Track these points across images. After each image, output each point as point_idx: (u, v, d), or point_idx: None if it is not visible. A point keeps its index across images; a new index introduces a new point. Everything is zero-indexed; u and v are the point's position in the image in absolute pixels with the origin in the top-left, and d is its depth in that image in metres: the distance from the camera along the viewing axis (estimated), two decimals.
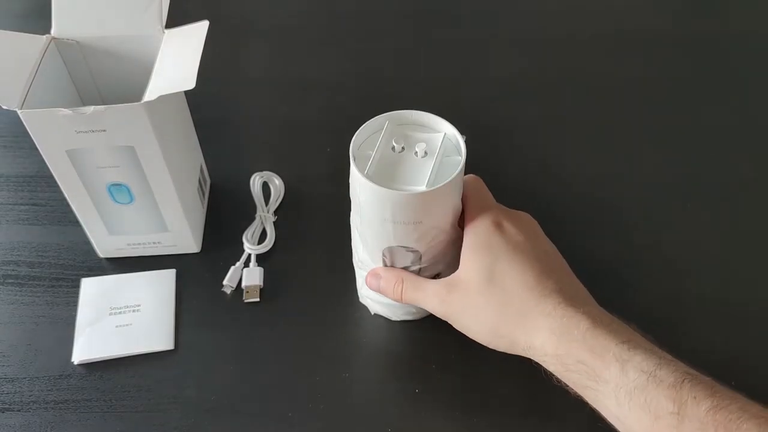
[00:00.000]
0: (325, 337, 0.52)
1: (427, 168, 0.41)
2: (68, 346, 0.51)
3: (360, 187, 0.42)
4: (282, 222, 0.60)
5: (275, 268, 0.56)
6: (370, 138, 0.43)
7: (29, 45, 0.48)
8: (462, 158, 0.41)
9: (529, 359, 0.42)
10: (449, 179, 0.40)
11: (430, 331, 0.52)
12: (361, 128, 0.43)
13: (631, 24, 0.82)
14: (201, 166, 0.60)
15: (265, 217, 0.59)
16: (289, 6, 0.85)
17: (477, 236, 0.43)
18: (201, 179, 0.60)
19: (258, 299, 0.54)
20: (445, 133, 0.43)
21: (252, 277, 0.55)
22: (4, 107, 0.43)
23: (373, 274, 0.47)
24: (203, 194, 0.60)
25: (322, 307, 0.54)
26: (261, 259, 0.57)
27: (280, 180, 0.62)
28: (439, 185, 0.40)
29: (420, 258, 0.45)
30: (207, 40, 0.46)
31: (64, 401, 0.49)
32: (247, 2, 0.85)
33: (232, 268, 0.56)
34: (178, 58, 0.47)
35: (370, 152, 0.42)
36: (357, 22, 0.83)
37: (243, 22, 0.82)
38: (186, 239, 0.56)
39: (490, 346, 0.43)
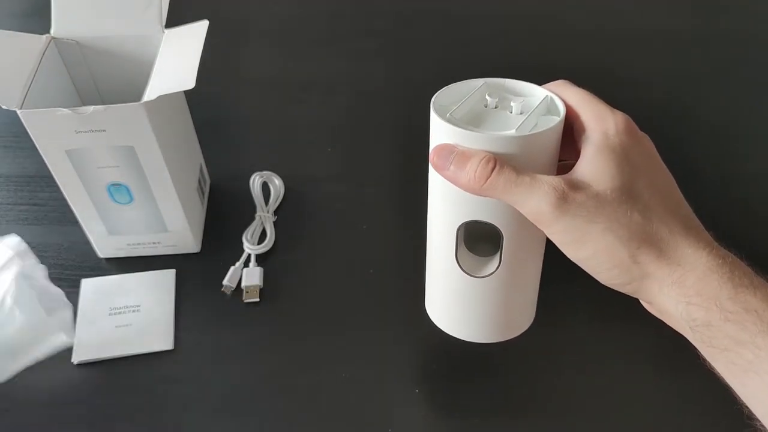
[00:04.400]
0: (325, 337, 0.52)
1: (520, 120, 0.35)
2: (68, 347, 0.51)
3: (437, 134, 0.36)
4: (282, 222, 0.60)
5: (275, 268, 0.56)
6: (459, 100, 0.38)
7: (29, 45, 0.48)
8: (561, 117, 0.35)
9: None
10: (548, 127, 0.34)
11: (431, 331, 0.52)
12: (446, 88, 0.38)
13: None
14: (201, 166, 0.60)
15: (264, 217, 0.59)
16: (289, 6, 0.85)
17: (608, 138, 0.34)
18: (201, 179, 0.60)
19: (258, 299, 0.54)
20: (547, 95, 0.37)
21: (252, 277, 0.55)
22: (4, 107, 0.43)
23: (445, 147, 0.35)
24: (203, 194, 0.60)
25: (322, 307, 0.54)
26: (261, 259, 0.57)
27: (280, 180, 0.62)
28: (535, 131, 0.34)
29: (501, 249, 0.38)
30: (207, 39, 0.46)
31: (63, 402, 0.48)
32: (247, 2, 0.85)
33: (232, 268, 0.56)
34: (178, 58, 0.47)
35: (455, 106, 0.36)
36: (357, 22, 0.83)
37: (243, 21, 0.82)
38: (186, 239, 0.56)
39: (609, 279, 0.34)
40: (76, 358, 0.50)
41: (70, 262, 0.57)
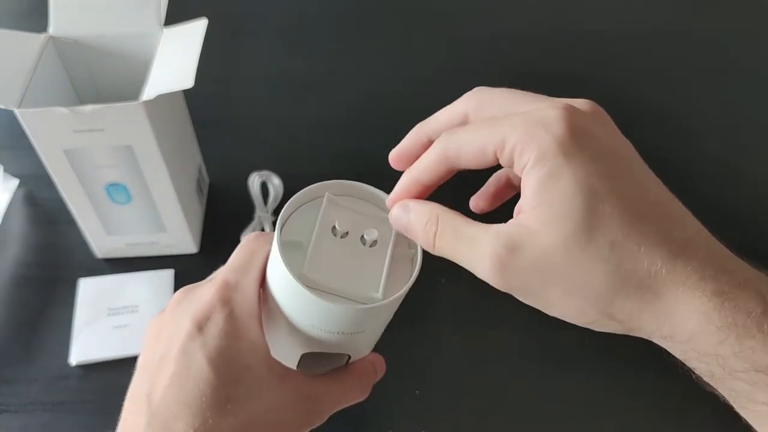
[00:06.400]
0: None
1: (380, 264, 0.31)
2: (66, 347, 0.51)
3: (287, 288, 0.31)
4: None
5: None
6: (302, 211, 0.33)
7: (27, 44, 0.48)
8: (419, 251, 0.31)
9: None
10: (409, 283, 0.31)
11: (431, 331, 0.52)
12: (290, 200, 0.33)
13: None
14: (199, 166, 0.60)
15: (264, 217, 0.59)
16: (289, 5, 0.84)
17: (546, 159, 0.26)
18: (199, 179, 0.59)
19: None
20: None
21: None
22: (2, 106, 0.43)
23: (403, 205, 0.31)
24: (201, 194, 0.60)
25: None
26: None
27: (279, 180, 0.62)
28: (398, 293, 0.30)
29: (349, 358, 0.37)
30: (205, 38, 0.46)
31: (61, 403, 0.48)
32: (246, 1, 0.85)
33: None
34: (177, 57, 0.46)
35: (302, 239, 0.31)
36: (357, 21, 0.83)
37: (242, 20, 0.82)
38: (184, 239, 0.56)
39: (593, 328, 0.28)
40: (74, 359, 0.50)
41: (67, 262, 0.57)
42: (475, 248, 0.27)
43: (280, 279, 0.31)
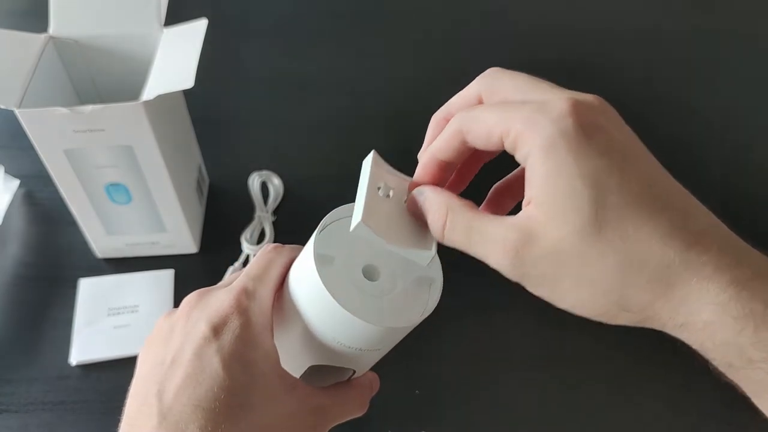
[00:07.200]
0: None
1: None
2: (66, 347, 0.51)
3: (317, 303, 0.31)
4: (281, 222, 0.59)
5: None
6: (332, 226, 0.33)
7: (27, 44, 0.48)
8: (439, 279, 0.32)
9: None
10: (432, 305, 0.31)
11: (431, 330, 0.52)
12: (329, 215, 0.33)
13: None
14: (199, 166, 0.60)
15: (264, 217, 0.59)
16: (289, 5, 0.84)
17: (556, 150, 0.26)
18: (199, 179, 0.59)
19: None
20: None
21: None
22: (2, 106, 0.43)
23: (419, 191, 0.31)
24: (201, 194, 0.60)
25: None
26: None
27: (279, 180, 0.62)
28: (428, 312, 0.31)
29: (353, 374, 0.36)
30: (206, 38, 0.46)
31: (61, 402, 0.48)
32: (246, 1, 0.85)
33: (231, 268, 0.55)
34: (177, 57, 0.46)
35: (331, 253, 0.31)
36: (357, 21, 0.83)
37: (242, 20, 0.82)
38: (184, 239, 0.56)
39: (604, 321, 0.28)
40: (74, 359, 0.50)
41: (68, 262, 0.57)
42: (487, 239, 0.28)
43: (310, 292, 0.31)
